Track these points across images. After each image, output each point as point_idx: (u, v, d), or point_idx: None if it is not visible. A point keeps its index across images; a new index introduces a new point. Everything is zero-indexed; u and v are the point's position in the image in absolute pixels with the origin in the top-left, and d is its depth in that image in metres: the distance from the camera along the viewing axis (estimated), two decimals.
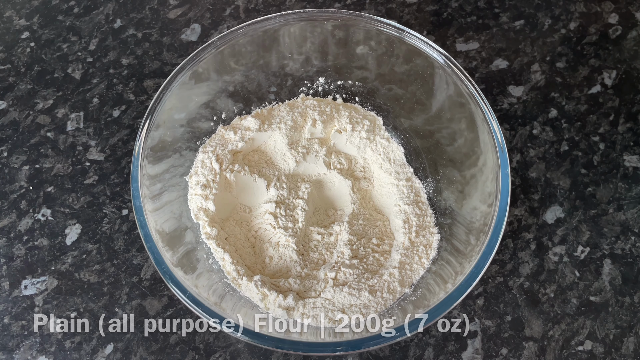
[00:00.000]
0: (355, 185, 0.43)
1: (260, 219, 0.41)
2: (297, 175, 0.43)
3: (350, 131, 0.43)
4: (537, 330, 0.40)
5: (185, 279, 0.32)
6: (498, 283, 0.41)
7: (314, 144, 0.43)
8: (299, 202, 0.41)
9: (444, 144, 0.41)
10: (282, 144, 0.43)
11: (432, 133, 0.42)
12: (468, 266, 0.33)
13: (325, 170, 0.43)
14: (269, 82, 0.44)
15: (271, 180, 0.42)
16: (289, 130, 0.43)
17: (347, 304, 0.36)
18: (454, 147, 0.41)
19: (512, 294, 0.41)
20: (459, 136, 0.40)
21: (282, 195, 0.41)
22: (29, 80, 0.50)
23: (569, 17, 0.53)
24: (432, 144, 0.42)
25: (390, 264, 0.38)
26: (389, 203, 0.41)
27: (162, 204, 0.37)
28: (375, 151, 0.43)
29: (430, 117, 0.42)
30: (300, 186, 0.42)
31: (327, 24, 0.41)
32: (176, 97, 0.39)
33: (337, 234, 0.40)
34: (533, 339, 0.39)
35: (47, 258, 0.42)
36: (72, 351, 0.39)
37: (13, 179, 0.45)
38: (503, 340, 0.39)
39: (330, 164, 0.43)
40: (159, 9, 0.54)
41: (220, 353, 0.38)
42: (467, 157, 0.39)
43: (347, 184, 0.42)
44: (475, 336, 0.39)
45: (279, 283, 0.38)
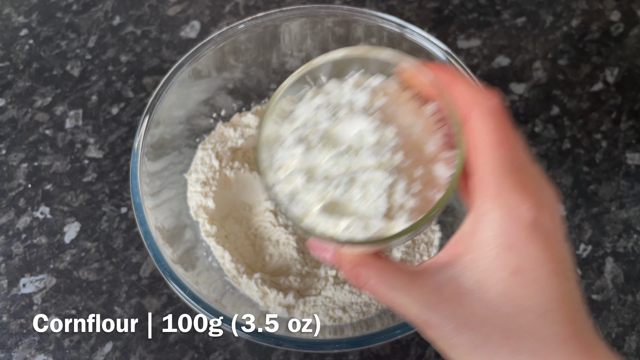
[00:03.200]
0: None
1: (261, 217, 0.40)
2: None
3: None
4: None
5: (185, 276, 0.32)
6: None
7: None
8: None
9: None
10: None
11: None
12: None
13: None
14: (269, 78, 0.44)
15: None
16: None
17: (347, 302, 0.36)
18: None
19: None
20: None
21: None
22: (27, 78, 0.50)
23: (571, 14, 0.53)
24: None
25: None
26: None
27: (162, 202, 0.37)
28: None
29: None
30: None
31: (328, 20, 0.40)
32: (175, 94, 0.38)
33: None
34: None
35: (46, 256, 0.42)
36: (70, 350, 0.39)
37: (11, 177, 0.45)
38: None
39: None
40: (158, 6, 0.53)
41: (220, 352, 0.38)
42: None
43: None
44: None
45: (279, 281, 0.37)
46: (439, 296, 0.20)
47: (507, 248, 0.20)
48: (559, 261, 0.20)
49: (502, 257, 0.20)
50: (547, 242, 0.20)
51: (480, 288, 0.20)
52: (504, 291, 0.19)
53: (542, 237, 0.20)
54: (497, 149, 0.20)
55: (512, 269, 0.19)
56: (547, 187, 0.22)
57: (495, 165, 0.20)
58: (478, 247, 0.20)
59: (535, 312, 0.19)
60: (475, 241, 0.20)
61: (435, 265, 0.21)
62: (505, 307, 0.19)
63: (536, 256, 0.19)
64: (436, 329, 0.20)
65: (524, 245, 0.19)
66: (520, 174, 0.20)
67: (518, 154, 0.21)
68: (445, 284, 0.20)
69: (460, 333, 0.19)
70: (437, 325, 0.20)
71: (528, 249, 0.19)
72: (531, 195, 0.20)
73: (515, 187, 0.20)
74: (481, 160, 0.21)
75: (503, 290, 0.19)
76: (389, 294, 0.21)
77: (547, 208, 0.20)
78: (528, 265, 0.19)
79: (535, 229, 0.20)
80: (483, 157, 0.21)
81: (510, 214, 0.20)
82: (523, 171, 0.21)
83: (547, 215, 0.20)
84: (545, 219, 0.20)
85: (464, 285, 0.20)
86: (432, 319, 0.20)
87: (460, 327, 0.20)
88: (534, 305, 0.19)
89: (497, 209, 0.20)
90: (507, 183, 0.20)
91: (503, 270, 0.19)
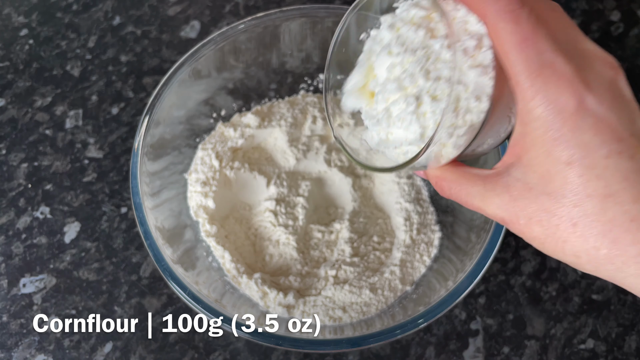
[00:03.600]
0: (356, 182, 0.42)
1: (261, 217, 0.40)
2: (297, 172, 0.43)
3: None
4: (539, 328, 0.39)
5: (185, 276, 0.32)
6: (500, 281, 0.41)
7: (315, 141, 0.43)
8: (300, 200, 0.41)
9: None
10: (282, 141, 0.43)
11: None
12: (469, 264, 0.33)
13: (325, 167, 0.43)
14: (269, 79, 0.44)
15: (271, 177, 0.42)
16: (289, 127, 0.43)
17: (347, 302, 0.36)
18: None
19: (514, 293, 0.40)
20: None
21: (283, 193, 0.41)
22: (27, 78, 0.50)
23: (571, 14, 0.53)
24: None
25: (391, 261, 0.38)
26: (390, 201, 0.41)
27: (162, 201, 0.37)
28: None
29: None
30: (300, 184, 0.42)
31: (328, 20, 0.40)
32: (175, 94, 0.38)
33: (338, 231, 0.40)
34: (535, 338, 0.39)
35: (46, 256, 0.42)
36: (71, 350, 0.39)
37: (12, 177, 0.45)
38: (505, 339, 0.39)
39: (331, 162, 0.43)
40: (158, 6, 0.53)
41: (219, 352, 0.38)
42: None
43: (348, 182, 0.42)
44: (476, 335, 0.39)
45: (279, 281, 0.37)
46: (510, 196, 0.22)
47: (556, 142, 0.20)
48: (618, 140, 0.20)
49: (554, 151, 0.20)
50: (598, 125, 0.20)
51: (543, 183, 0.21)
52: (563, 183, 0.20)
53: (591, 122, 0.20)
54: (521, 50, 0.21)
55: (565, 160, 0.20)
56: (595, 61, 0.21)
57: (523, 67, 0.20)
58: (532, 147, 0.21)
59: (598, 196, 0.20)
60: (528, 142, 0.21)
61: (503, 167, 0.23)
62: (568, 197, 0.20)
63: (587, 142, 0.20)
64: (512, 224, 0.23)
65: (572, 135, 0.20)
66: (553, 66, 0.20)
67: (544, 47, 0.20)
68: (513, 183, 0.22)
69: (532, 226, 0.22)
70: (512, 221, 0.22)
71: (576, 138, 0.20)
72: (570, 82, 0.20)
73: (549, 80, 0.20)
74: (510, 63, 0.21)
75: (563, 182, 0.20)
76: (468, 200, 0.24)
77: (592, 88, 0.20)
78: (580, 153, 0.20)
79: (581, 115, 0.20)
80: (511, 60, 0.21)
81: (551, 109, 0.20)
82: (556, 60, 0.20)
83: (595, 96, 0.20)
84: (591, 101, 0.20)
85: (528, 183, 0.21)
86: (507, 217, 0.22)
87: (530, 221, 0.22)
88: (595, 190, 0.20)
89: (537, 107, 0.20)
90: (540, 80, 0.20)
91: (558, 163, 0.20)
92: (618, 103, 0.20)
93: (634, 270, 0.20)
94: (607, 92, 0.20)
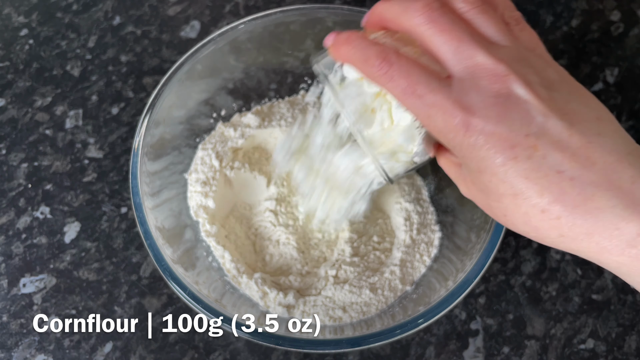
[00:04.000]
0: None
1: (261, 217, 0.40)
2: None
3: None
4: (539, 328, 0.39)
5: (185, 276, 0.32)
6: (500, 281, 0.41)
7: None
8: (300, 200, 0.41)
9: None
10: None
11: None
12: (469, 264, 0.33)
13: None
14: (269, 79, 0.44)
15: (271, 177, 0.42)
16: (289, 127, 0.43)
17: (347, 302, 0.36)
18: None
19: (514, 292, 0.40)
20: None
21: (283, 193, 0.41)
22: (27, 78, 0.50)
23: (571, 14, 0.53)
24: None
25: (391, 261, 0.38)
26: (390, 201, 0.41)
27: (162, 201, 0.37)
28: None
29: None
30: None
31: (328, 20, 0.40)
32: (175, 94, 0.38)
33: (338, 231, 0.40)
34: (535, 338, 0.39)
35: (46, 256, 0.42)
36: (71, 350, 0.39)
37: (12, 177, 0.45)
38: (505, 339, 0.39)
39: None
40: (158, 6, 0.53)
41: (220, 352, 0.38)
42: None
43: None
44: (476, 335, 0.39)
45: (279, 281, 0.37)
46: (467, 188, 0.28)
47: (465, 160, 0.25)
48: (511, 148, 0.23)
49: (468, 165, 0.25)
50: (490, 140, 0.23)
51: (477, 184, 0.25)
52: (484, 186, 0.25)
53: (482, 140, 0.23)
54: (407, 104, 0.25)
55: (477, 170, 0.24)
56: (481, 78, 0.24)
57: (417, 116, 0.25)
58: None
59: (509, 196, 0.24)
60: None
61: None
62: (491, 197, 0.25)
63: (484, 157, 0.23)
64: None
65: (470, 154, 0.24)
66: (435, 106, 0.24)
67: (423, 92, 0.24)
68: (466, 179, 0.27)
69: (490, 209, 0.26)
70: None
71: (475, 155, 0.24)
72: (451, 114, 0.23)
73: (436, 120, 0.24)
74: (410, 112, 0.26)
75: (483, 185, 0.25)
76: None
77: (475, 111, 0.23)
78: (483, 165, 0.24)
79: (473, 137, 0.23)
80: (410, 110, 0.25)
81: (448, 140, 0.24)
82: (435, 100, 0.24)
83: (479, 117, 0.23)
84: (477, 123, 0.23)
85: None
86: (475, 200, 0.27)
87: (490, 207, 0.26)
88: (505, 191, 0.24)
89: (441, 140, 0.25)
90: (430, 123, 0.24)
91: (473, 172, 0.25)
92: (507, 112, 0.23)
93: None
94: (493, 108, 0.23)
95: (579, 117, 0.23)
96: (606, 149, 0.23)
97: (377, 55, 0.25)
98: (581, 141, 0.23)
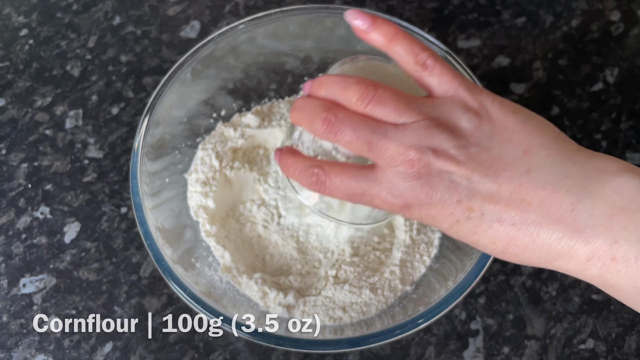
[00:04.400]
0: None
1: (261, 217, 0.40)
2: None
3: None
4: (539, 328, 0.39)
5: (185, 276, 0.32)
6: (500, 281, 0.41)
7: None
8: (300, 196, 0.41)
9: None
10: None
11: None
12: (469, 264, 0.33)
13: None
14: (269, 79, 0.44)
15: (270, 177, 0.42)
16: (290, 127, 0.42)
17: (347, 302, 0.36)
18: None
19: (514, 293, 0.40)
20: None
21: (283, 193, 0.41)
22: (27, 78, 0.50)
23: (571, 14, 0.53)
24: None
25: (391, 261, 0.38)
26: None
27: (162, 202, 0.37)
28: None
29: None
30: None
31: (328, 21, 0.40)
32: (175, 94, 0.38)
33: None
34: (535, 338, 0.39)
35: (46, 256, 0.42)
36: (71, 350, 0.39)
37: (12, 177, 0.45)
38: (505, 339, 0.39)
39: None
40: (158, 6, 0.53)
41: (219, 352, 0.38)
42: None
43: None
44: (476, 335, 0.39)
45: (279, 281, 0.37)
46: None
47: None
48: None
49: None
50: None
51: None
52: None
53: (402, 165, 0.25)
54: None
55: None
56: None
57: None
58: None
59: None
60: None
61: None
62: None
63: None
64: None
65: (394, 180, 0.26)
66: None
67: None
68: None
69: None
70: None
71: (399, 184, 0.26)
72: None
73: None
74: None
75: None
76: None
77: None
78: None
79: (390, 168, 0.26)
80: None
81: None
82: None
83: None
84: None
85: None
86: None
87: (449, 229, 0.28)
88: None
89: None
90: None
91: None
92: (433, 189, 0.25)
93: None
94: (421, 190, 0.25)
95: (503, 163, 0.25)
96: (539, 185, 0.24)
97: (310, 175, 0.27)
98: (512, 187, 0.24)
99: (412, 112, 0.26)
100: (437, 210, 0.25)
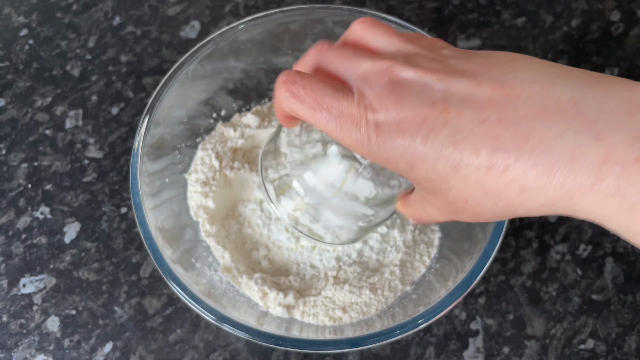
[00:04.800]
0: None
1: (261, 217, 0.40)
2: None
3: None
4: (539, 328, 0.39)
5: (185, 276, 0.32)
6: (500, 281, 0.41)
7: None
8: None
9: None
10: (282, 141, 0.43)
11: None
12: (469, 264, 0.33)
13: None
14: (269, 79, 0.44)
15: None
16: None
17: (347, 302, 0.36)
18: None
19: (514, 293, 0.40)
20: None
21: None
22: (27, 78, 0.50)
23: (571, 14, 0.53)
24: None
25: (391, 261, 0.38)
26: None
27: (162, 202, 0.37)
28: None
29: None
30: None
31: (328, 21, 0.40)
32: (175, 94, 0.38)
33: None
34: (535, 338, 0.39)
35: (46, 256, 0.42)
36: (70, 350, 0.39)
37: (11, 177, 0.45)
38: (505, 339, 0.39)
39: None
40: (158, 6, 0.53)
41: (219, 352, 0.38)
42: None
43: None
44: (476, 335, 0.39)
45: (279, 281, 0.37)
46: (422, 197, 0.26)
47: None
48: (419, 129, 0.22)
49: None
50: (399, 128, 0.22)
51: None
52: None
53: (393, 130, 0.22)
54: (320, 126, 0.25)
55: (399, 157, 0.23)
56: (371, 77, 0.23)
57: (335, 137, 0.25)
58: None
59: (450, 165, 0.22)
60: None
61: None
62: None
63: (400, 145, 0.22)
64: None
65: (388, 150, 0.23)
66: (344, 116, 0.23)
67: (325, 121, 0.24)
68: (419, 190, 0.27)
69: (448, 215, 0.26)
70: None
71: (393, 148, 0.23)
72: (356, 121, 0.23)
73: (351, 135, 0.24)
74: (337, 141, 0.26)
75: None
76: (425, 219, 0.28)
77: (375, 107, 0.22)
78: (402, 150, 0.23)
79: (384, 133, 0.22)
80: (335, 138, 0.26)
81: (362, 151, 0.24)
82: (343, 113, 0.23)
83: (380, 111, 0.22)
84: (381, 117, 0.22)
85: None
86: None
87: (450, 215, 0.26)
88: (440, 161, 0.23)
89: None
90: (345, 135, 0.24)
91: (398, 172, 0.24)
92: (403, 94, 0.22)
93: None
94: (389, 97, 0.22)
95: (482, 67, 0.21)
96: (526, 81, 0.20)
97: (284, 80, 0.25)
98: (493, 84, 0.20)
99: (398, 44, 0.25)
100: (407, 121, 0.21)
